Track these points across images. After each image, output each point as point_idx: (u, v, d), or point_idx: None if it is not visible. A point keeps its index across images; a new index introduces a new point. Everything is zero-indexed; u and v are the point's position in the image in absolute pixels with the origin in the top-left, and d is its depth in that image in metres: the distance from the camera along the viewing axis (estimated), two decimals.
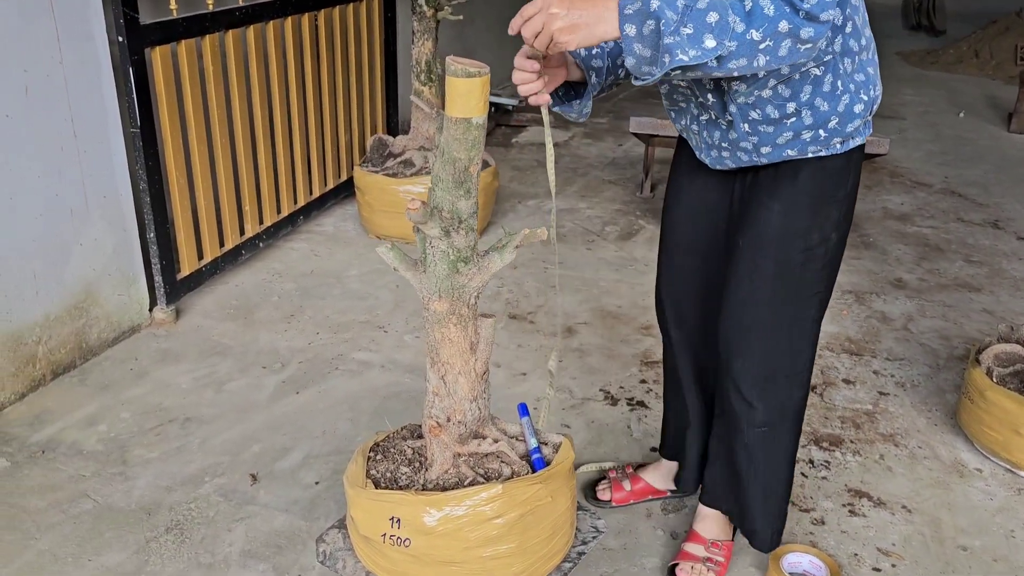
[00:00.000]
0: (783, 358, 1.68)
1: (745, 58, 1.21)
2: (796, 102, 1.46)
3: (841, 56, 1.45)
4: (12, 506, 2.09)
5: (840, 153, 1.55)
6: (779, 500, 1.84)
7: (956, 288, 3.44)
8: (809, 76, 1.43)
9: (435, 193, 1.38)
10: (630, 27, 1.21)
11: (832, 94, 1.45)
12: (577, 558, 1.66)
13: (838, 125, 1.49)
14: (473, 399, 1.54)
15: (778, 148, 1.53)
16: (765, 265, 1.61)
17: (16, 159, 2.38)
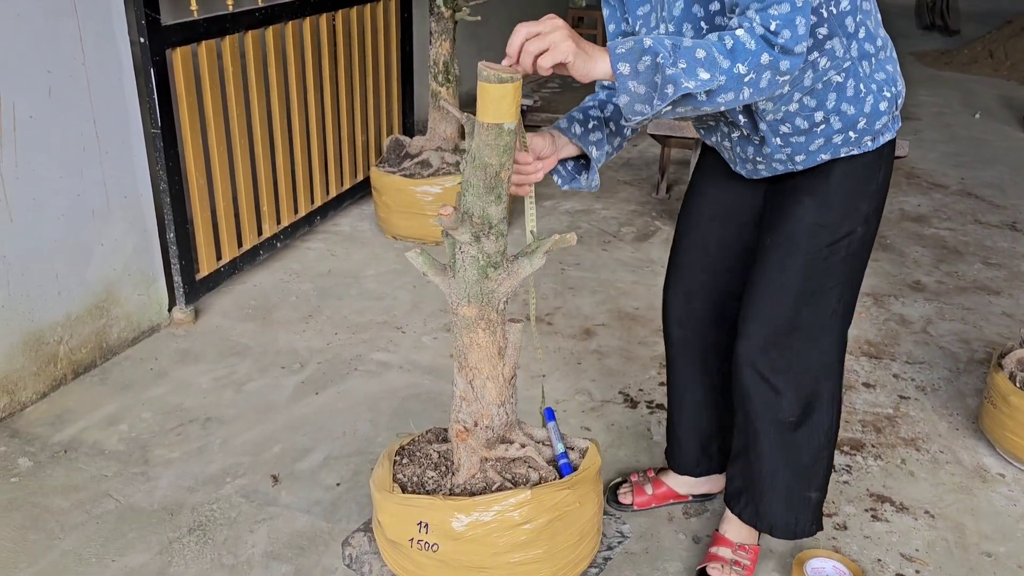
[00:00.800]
0: (811, 349, 1.67)
1: (732, 92, 1.26)
2: (823, 110, 1.49)
3: (859, 60, 1.48)
4: (36, 506, 2.10)
5: (872, 150, 1.58)
6: (803, 491, 1.83)
7: (975, 291, 3.43)
8: (832, 84, 1.46)
9: (465, 198, 1.38)
10: (624, 66, 1.23)
11: (856, 97, 1.49)
12: (603, 563, 1.66)
13: (867, 125, 1.53)
14: (501, 404, 1.54)
15: (811, 155, 1.56)
16: (794, 260, 1.62)
17: (39, 160, 2.39)
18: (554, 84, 6.90)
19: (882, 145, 1.58)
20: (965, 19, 10.19)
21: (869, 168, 1.59)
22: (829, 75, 1.45)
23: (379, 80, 4.02)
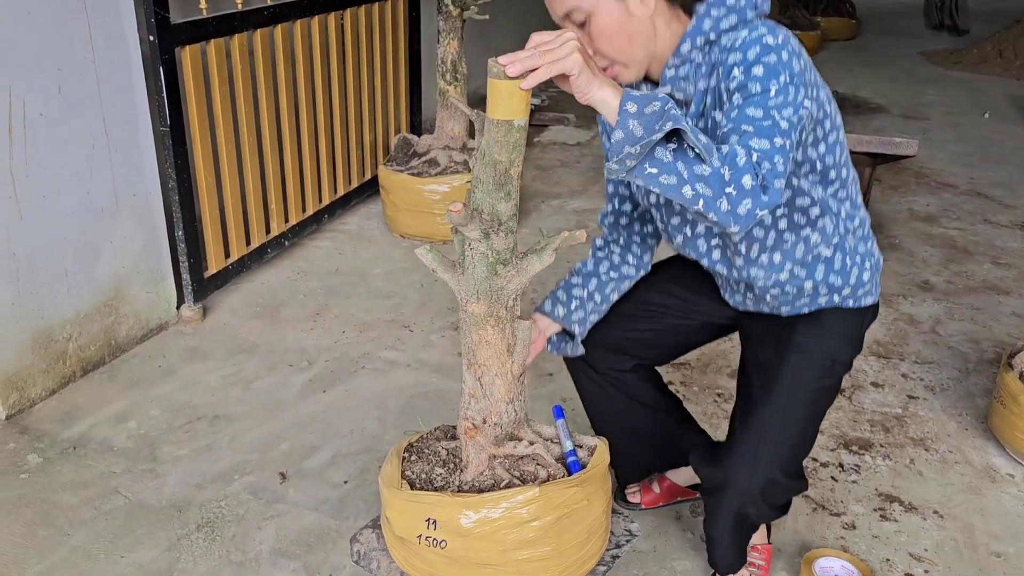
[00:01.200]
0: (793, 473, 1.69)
1: (712, 191, 1.23)
2: (812, 280, 1.60)
3: (845, 235, 1.59)
4: (45, 502, 2.11)
5: (854, 308, 1.66)
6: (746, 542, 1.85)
7: (984, 291, 3.41)
8: (821, 257, 1.57)
9: (475, 195, 1.38)
10: (632, 104, 1.22)
11: (843, 270, 1.60)
12: (611, 561, 1.66)
13: (850, 293, 1.63)
14: (509, 401, 1.54)
15: (797, 307, 1.66)
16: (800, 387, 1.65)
17: (49, 157, 2.40)
18: None
19: (864, 307, 1.67)
20: (974, 18, 10.15)
21: (855, 317, 1.67)
22: (819, 249, 1.56)
23: (387, 79, 4.03)
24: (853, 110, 6.27)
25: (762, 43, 1.36)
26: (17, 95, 2.27)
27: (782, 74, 1.33)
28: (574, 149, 5.13)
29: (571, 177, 4.62)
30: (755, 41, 1.36)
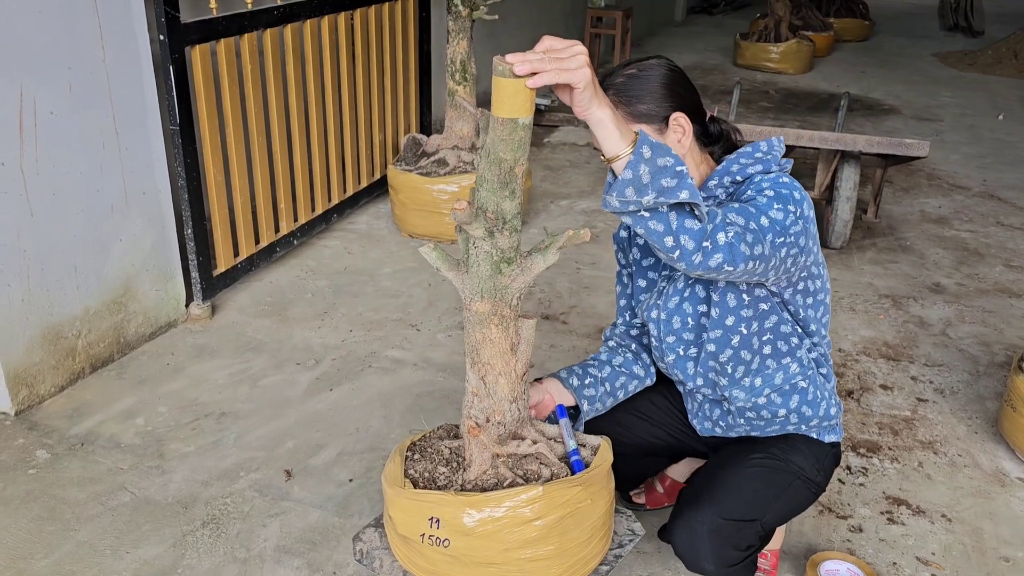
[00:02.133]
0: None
1: (693, 244, 1.35)
2: (786, 408, 1.71)
3: (817, 369, 1.74)
4: (52, 497, 2.12)
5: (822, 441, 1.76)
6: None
7: (996, 293, 3.39)
8: (797, 388, 1.70)
9: (480, 193, 1.38)
10: (647, 150, 1.29)
11: (814, 402, 1.72)
12: (614, 561, 1.65)
13: (817, 425, 1.74)
14: (513, 400, 1.54)
15: (767, 432, 1.77)
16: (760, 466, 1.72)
17: (59, 156, 2.41)
18: None
19: (829, 443, 1.77)
20: (989, 20, 10.08)
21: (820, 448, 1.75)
22: (796, 380, 1.70)
23: (397, 79, 4.03)
24: (866, 112, 6.23)
25: (779, 182, 1.52)
26: (28, 93, 2.29)
27: (789, 203, 1.48)
28: (583, 150, 5.12)
29: (580, 178, 4.61)
30: (774, 181, 1.53)
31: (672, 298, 1.70)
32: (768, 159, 1.59)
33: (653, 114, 1.57)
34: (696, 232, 1.34)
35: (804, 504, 1.74)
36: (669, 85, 1.59)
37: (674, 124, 1.57)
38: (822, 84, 7.21)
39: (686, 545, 1.62)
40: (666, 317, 1.71)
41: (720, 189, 1.59)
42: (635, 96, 1.58)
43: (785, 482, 1.68)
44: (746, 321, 1.62)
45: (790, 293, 1.62)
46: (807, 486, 1.71)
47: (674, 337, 1.72)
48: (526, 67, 1.25)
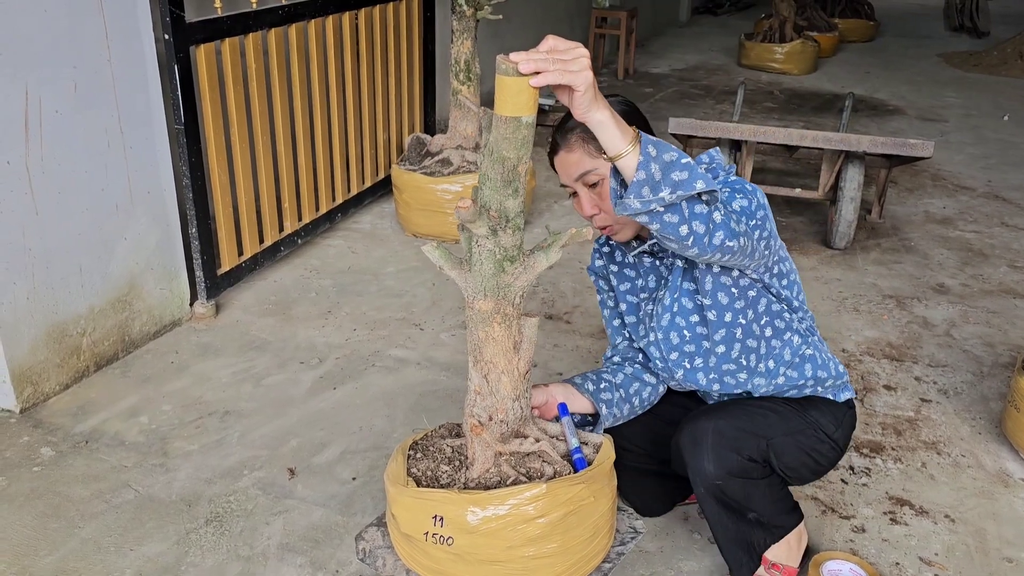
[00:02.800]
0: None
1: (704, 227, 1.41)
2: (803, 378, 1.79)
3: (814, 333, 1.82)
4: (57, 495, 2.13)
5: (836, 401, 1.83)
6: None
7: (1000, 294, 3.38)
8: (806, 356, 1.78)
9: (483, 192, 1.38)
10: (652, 148, 1.34)
11: (825, 364, 1.80)
12: (616, 558, 1.65)
13: (832, 385, 1.81)
14: (515, 398, 1.54)
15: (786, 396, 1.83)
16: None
17: (64, 154, 2.42)
18: None
19: (844, 402, 1.84)
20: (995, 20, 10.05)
21: (837, 408, 1.82)
22: (802, 349, 1.76)
23: (401, 79, 4.04)
24: (870, 112, 6.23)
25: (728, 181, 1.61)
26: (34, 92, 2.30)
27: (745, 194, 1.56)
28: None
29: None
30: (723, 181, 1.61)
31: (663, 316, 1.74)
32: (714, 168, 1.67)
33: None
34: (704, 216, 1.39)
35: (820, 453, 1.78)
36: (628, 114, 1.63)
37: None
38: (827, 85, 7.20)
39: (688, 441, 1.68)
40: (663, 336, 1.76)
41: None
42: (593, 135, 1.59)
43: (799, 425, 1.75)
44: (742, 312, 1.68)
45: (768, 277, 1.69)
46: (823, 439, 1.77)
47: (677, 353, 1.76)
48: (530, 66, 1.27)
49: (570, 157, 1.66)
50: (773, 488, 1.76)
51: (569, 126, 1.66)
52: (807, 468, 1.79)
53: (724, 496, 1.70)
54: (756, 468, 1.70)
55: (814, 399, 1.81)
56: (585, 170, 1.65)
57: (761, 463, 1.70)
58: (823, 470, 1.84)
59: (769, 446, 1.70)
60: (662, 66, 7.81)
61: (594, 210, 1.68)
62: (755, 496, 1.74)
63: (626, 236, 1.73)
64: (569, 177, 1.68)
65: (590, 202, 1.68)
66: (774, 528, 1.80)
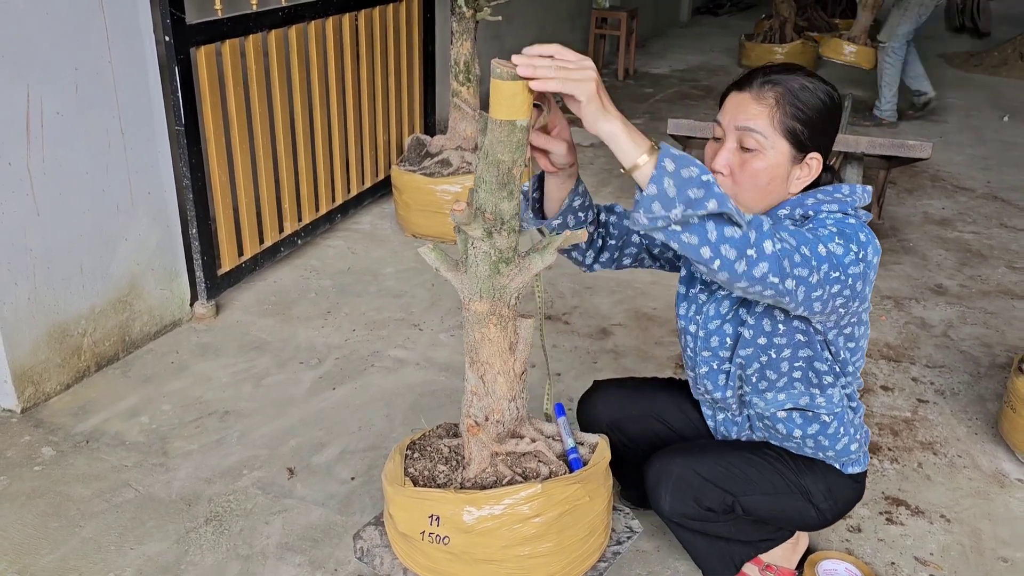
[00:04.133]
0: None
1: (736, 252, 1.28)
2: (802, 432, 1.68)
3: (846, 410, 1.69)
4: (58, 494, 2.15)
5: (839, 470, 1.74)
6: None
7: (998, 295, 3.39)
8: (819, 419, 1.66)
9: (478, 194, 1.40)
10: (670, 163, 1.23)
11: (834, 436, 1.69)
12: (612, 558, 1.67)
13: (835, 457, 1.72)
14: (511, 399, 1.55)
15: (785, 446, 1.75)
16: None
17: (66, 155, 2.44)
18: None
19: (851, 475, 1.75)
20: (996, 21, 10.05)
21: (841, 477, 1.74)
22: (820, 412, 1.66)
23: (401, 80, 4.05)
24: (869, 114, 6.23)
25: (846, 222, 1.45)
26: (35, 94, 2.31)
27: (852, 242, 1.41)
28: (587, 150, 5.13)
29: (584, 179, 4.62)
30: (841, 220, 1.46)
31: (713, 320, 1.64)
32: (846, 202, 1.51)
33: (801, 141, 1.48)
34: (738, 240, 1.27)
35: (799, 521, 1.74)
36: (832, 121, 1.50)
37: (809, 161, 1.50)
38: None
39: (652, 476, 1.66)
40: (704, 335, 1.67)
41: (788, 220, 1.51)
42: (800, 111, 1.46)
43: (782, 487, 1.68)
44: (777, 347, 1.58)
45: (834, 334, 1.57)
46: (808, 507, 1.71)
47: (709, 352, 1.68)
48: (528, 71, 1.24)
49: (751, 105, 1.46)
50: (742, 523, 1.73)
51: (773, 79, 1.47)
52: (783, 523, 1.76)
53: (689, 527, 1.71)
54: (715, 515, 1.67)
55: (817, 462, 1.72)
56: (755, 128, 1.46)
57: (721, 512, 1.66)
58: (803, 529, 1.81)
59: (736, 502, 1.65)
60: (662, 67, 7.81)
61: (725, 169, 1.49)
62: (720, 530, 1.73)
63: None
64: (732, 120, 1.49)
65: (727, 159, 1.49)
66: (759, 543, 1.80)
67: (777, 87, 1.46)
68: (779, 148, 1.47)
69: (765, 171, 1.47)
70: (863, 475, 1.78)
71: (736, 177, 1.49)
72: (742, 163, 1.48)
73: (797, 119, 1.46)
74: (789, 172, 1.49)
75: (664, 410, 1.88)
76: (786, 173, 1.49)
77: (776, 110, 1.45)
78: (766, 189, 1.49)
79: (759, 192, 1.50)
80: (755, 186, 1.48)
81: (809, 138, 1.48)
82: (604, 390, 1.94)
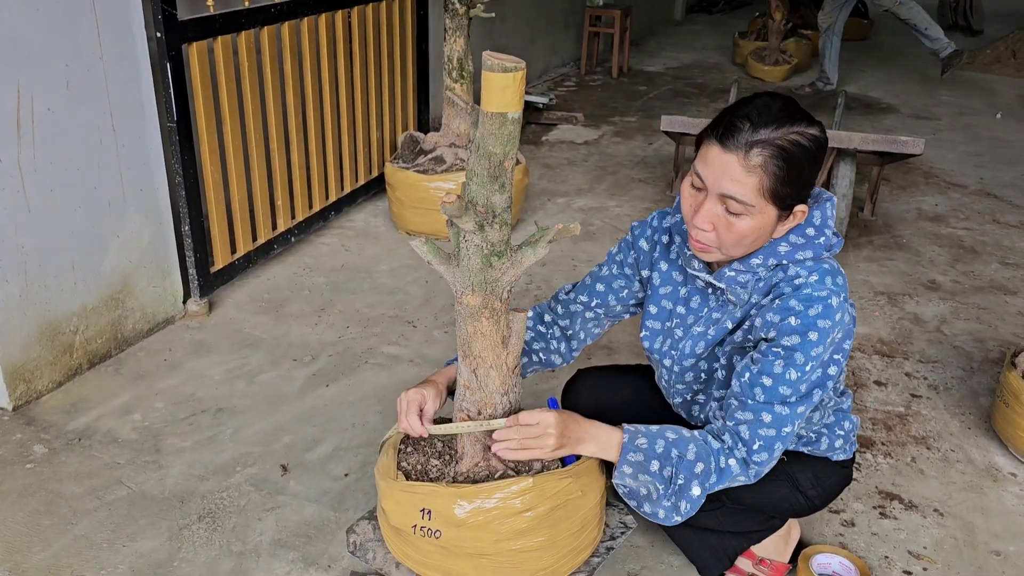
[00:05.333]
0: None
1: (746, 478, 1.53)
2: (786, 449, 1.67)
3: (823, 427, 1.72)
4: (50, 492, 2.14)
5: (830, 460, 1.75)
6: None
7: (991, 290, 3.40)
8: (800, 437, 1.70)
9: (470, 187, 1.39)
10: (628, 468, 1.51)
11: (816, 442, 1.72)
12: (605, 553, 1.66)
13: (821, 453, 1.74)
14: (504, 393, 1.55)
15: None
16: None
17: (56, 152, 2.43)
18: (571, 83, 6.91)
19: (838, 462, 1.76)
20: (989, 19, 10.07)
21: (827, 464, 1.75)
22: (800, 432, 1.69)
23: (395, 77, 4.04)
24: (863, 110, 6.24)
25: (825, 304, 1.44)
26: (26, 90, 2.30)
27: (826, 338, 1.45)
28: (581, 148, 5.13)
29: (578, 176, 4.63)
30: (819, 300, 1.44)
31: (688, 358, 1.64)
32: (818, 243, 1.49)
33: (788, 201, 1.43)
34: (737, 471, 1.50)
35: (787, 508, 1.73)
36: (819, 162, 1.44)
37: (797, 212, 1.47)
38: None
39: None
40: (679, 371, 1.68)
41: (763, 269, 1.51)
42: (788, 175, 1.40)
43: (768, 475, 1.66)
44: None
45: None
46: (795, 493, 1.71)
47: (683, 386, 1.70)
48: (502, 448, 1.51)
49: (735, 169, 1.38)
50: (730, 513, 1.74)
51: (762, 137, 1.37)
52: (771, 511, 1.75)
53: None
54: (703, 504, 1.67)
55: (801, 452, 1.72)
56: (740, 198, 1.39)
57: (708, 502, 1.63)
58: (792, 516, 1.81)
59: (721, 491, 1.64)
60: (656, 64, 7.82)
61: (707, 227, 1.44)
62: (710, 521, 1.73)
63: (710, 259, 1.52)
64: (716, 183, 1.41)
65: (711, 218, 1.44)
66: (749, 534, 1.80)
67: (763, 149, 1.37)
68: (767, 212, 1.43)
69: (751, 230, 1.44)
70: (850, 462, 1.78)
71: (720, 234, 1.45)
72: (727, 224, 1.43)
73: (786, 183, 1.40)
74: (773, 225, 1.47)
75: (649, 397, 1.88)
76: (772, 228, 1.47)
77: (765, 178, 1.38)
78: (751, 244, 1.48)
79: (743, 247, 1.48)
80: (739, 243, 1.46)
81: (795, 197, 1.44)
82: (587, 378, 1.94)
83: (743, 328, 1.55)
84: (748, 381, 1.47)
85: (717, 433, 1.53)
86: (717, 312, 1.59)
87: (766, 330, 1.47)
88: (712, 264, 1.57)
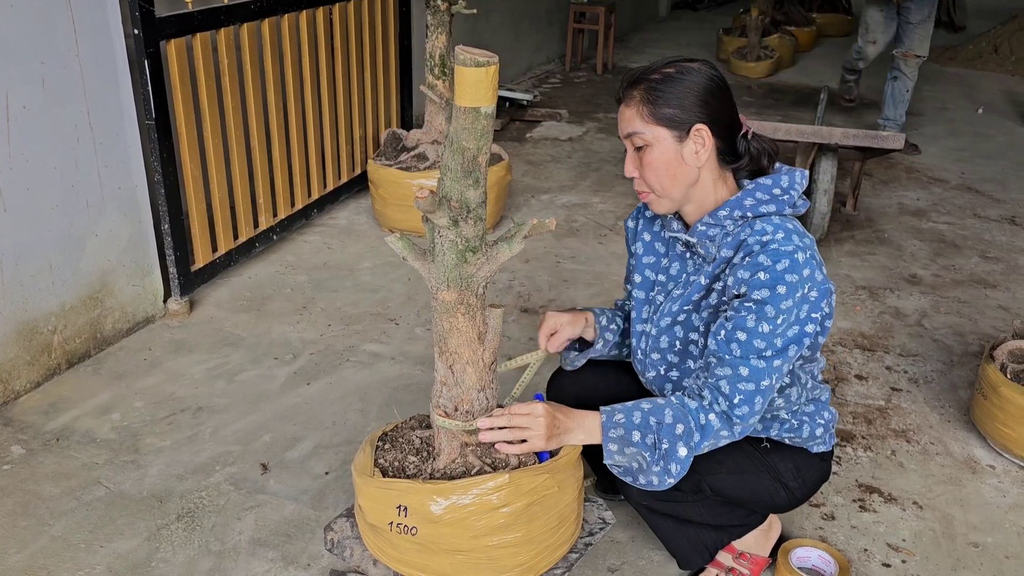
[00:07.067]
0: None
1: (728, 433, 1.56)
2: (766, 433, 1.72)
3: (806, 404, 1.73)
4: (27, 493, 2.12)
5: (809, 451, 1.76)
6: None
7: (971, 284, 3.42)
8: (778, 419, 1.71)
9: (444, 182, 1.39)
10: (613, 444, 1.55)
11: (797, 428, 1.73)
12: (584, 549, 1.66)
13: (802, 443, 1.74)
14: (481, 388, 1.54)
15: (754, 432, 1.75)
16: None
17: (33, 151, 2.41)
18: (555, 80, 6.90)
19: (817, 454, 1.77)
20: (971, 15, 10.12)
21: (808, 457, 1.75)
22: (779, 412, 1.70)
23: (377, 73, 4.03)
24: (846, 106, 6.27)
25: (791, 258, 1.50)
26: (0, 88, 2.28)
27: (798, 291, 1.50)
28: (565, 144, 5.13)
29: (561, 172, 4.62)
30: (786, 255, 1.50)
31: (665, 318, 1.67)
32: (783, 200, 1.58)
33: (677, 120, 1.55)
34: (719, 426, 1.53)
35: (769, 500, 1.73)
36: (702, 95, 1.55)
37: (695, 134, 1.55)
38: (804, 79, 7.24)
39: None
40: (655, 334, 1.70)
41: (730, 222, 1.58)
42: (663, 98, 1.55)
43: (749, 466, 1.68)
44: None
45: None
46: (777, 485, 1.71)
47: (659, 355, 1.71)
48: (489, 435, 1.56)
49: (625, 112, 1.59)
50: (712, 506, 1.73)
51: (635, 79, 1.59)
52: (753, 504, 1.75)
53: (657, 510, 1.72)
54: (683, 495, 1.68)
55: (782, 443, 1.73)
56: (634, 130, 1.58)
57: (689, 492, 1.67)
58: (773, 511, 1.81)
59: (703, 481, 1.66)
60: (641, 61, 7.81)
61: (634, 172, 1.61)
62: (691, 513, 1.73)
63: (663, 209, 1.63)
64: (621, 132, 1.63)
65: (632, 162, 1.61)
66: (730, 528, 1.80)
67: (637, 87, 1.58)
68: (659, 135, 1.55)
69: (659, 159, 1.56)
70: (829, 454, 1.79)
71: (643, 174, 1.59)
72: (641, 162, 1.59)
73: (664, 104, 1.55)
74: (681, 152, 1.56)
75: (632, 389, 1.87)
76: (678, 154, 1.56)
77: (642, 106, 1.56)
78: (673, 175, 1.57)
79: (670, 180, 1.58)
80: (660, 177, 1.58)
81: (684, 116, 1.55)
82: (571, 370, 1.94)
83: (716, 290, 1.60)
84: (724, 338, 1.53)
85: (697, 391, 1.57)
86: (694, 275, 1.66)
87: (737, 287, 1.52)
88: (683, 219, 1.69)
